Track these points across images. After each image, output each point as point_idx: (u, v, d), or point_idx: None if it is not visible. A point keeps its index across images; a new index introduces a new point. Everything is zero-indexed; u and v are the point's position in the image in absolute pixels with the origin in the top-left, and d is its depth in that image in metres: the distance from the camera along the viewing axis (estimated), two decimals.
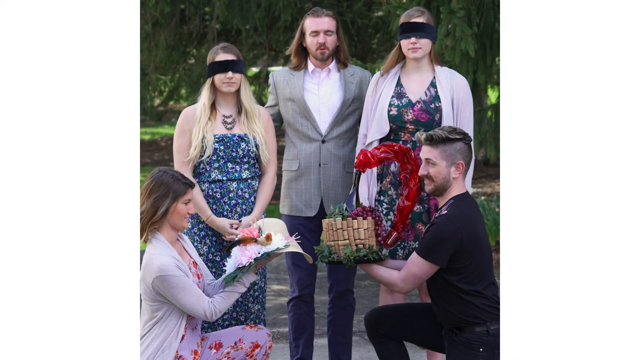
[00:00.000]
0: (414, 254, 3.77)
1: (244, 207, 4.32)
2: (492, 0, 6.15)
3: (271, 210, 8.76)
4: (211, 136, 4.26)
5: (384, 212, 4.30)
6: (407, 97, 4.30)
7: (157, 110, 13.64)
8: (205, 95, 4.32)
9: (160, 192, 3.78)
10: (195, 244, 4.31)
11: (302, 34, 4.52)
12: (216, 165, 4.29)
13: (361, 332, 5.45)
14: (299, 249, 3.94)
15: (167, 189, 3.78)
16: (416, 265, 3.75)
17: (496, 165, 10.05)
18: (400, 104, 4.29)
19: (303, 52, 4.55)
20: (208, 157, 4.26)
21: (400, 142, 4.25)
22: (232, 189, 4.31)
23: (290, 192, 4.56)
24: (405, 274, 3.78)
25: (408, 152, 3.95)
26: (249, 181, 4.35)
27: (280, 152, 4.45)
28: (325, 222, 3.92)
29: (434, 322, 3.92)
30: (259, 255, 3.83)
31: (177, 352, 3.74)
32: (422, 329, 3.95)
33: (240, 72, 4.29)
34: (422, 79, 4.33)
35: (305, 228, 4.51)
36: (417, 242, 4.27)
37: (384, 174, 4.34)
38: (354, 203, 4.00)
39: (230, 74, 4.25)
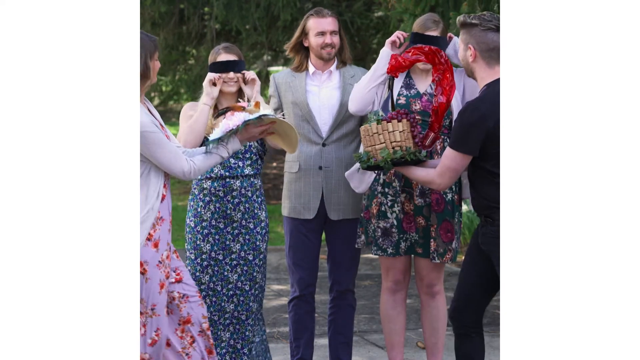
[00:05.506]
0: (447, 148, 3.75)
1: (247, 205, 4.32)
2: (498, 4, 6.17)
3: (272, 211, 8.77)
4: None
5: (389, 204, 4.28)
6: (416, 88, 4.33)
7: (157, 110, 13.63)
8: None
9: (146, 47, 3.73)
10: (198, 242, 4.32)
11: (304, 34, 4.49)
12: None
13: (361, 332, 5.46)
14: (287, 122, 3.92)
15: (144, 48, 3.71)
16: (449, 158, 3.71)
17: None
18: (409, 94, 4.31)
19: (304, 52, 4.53)
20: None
21: None
22: (235, 187, 4.31)
23: (290, 194, 4.56)
24: (441, 168, 3.75)
25: (438, 52, 3.89)
26: (252, 179, 4.35)
27: (283, 152, 4.44)
28: (362, 128, 3.91)
29: (487, 269, 3.83)
30: (247, 120, 3.80)
31: (158, 211, 3.72)
32: (487, 283, 3.85)
33: (241, 72, 4.31)
34: (431, 75, 4.33)
35: (306, 229, 4.52)
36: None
37: None
38: (389, 108, 3.98)
39: (231, 74, 4.28)
